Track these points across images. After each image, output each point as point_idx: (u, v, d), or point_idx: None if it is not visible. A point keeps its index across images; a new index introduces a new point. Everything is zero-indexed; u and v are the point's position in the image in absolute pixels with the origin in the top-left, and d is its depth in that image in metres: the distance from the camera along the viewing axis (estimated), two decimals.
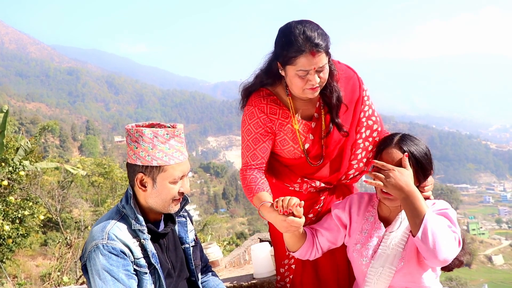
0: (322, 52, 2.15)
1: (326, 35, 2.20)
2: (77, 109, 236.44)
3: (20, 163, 8.34)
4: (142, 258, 2.06)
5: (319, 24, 2.22)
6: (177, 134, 2.09)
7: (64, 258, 7.41)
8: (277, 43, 2.27)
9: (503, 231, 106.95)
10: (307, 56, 2.14)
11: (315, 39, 2.12)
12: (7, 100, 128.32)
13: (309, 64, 2.16)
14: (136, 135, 2.05)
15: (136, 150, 2.05)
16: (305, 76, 2.20)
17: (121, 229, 2.05)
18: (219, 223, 31.19)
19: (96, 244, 1.99)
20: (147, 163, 2.04)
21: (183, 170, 2.11)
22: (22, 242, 9.09)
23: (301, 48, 2.13)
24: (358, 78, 2.54)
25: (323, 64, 2.19)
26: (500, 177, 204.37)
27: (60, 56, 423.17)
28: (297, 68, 2.19)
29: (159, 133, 2.04)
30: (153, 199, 2.11)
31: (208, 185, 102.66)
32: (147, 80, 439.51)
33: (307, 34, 2.13)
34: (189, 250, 2.35)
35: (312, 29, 2.15)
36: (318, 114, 2.49)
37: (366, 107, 2.56)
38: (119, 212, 2.12)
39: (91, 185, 26.60)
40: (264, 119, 2.43)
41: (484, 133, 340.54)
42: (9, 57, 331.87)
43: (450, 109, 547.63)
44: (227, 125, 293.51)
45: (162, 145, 2.04)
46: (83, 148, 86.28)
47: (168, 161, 2.05)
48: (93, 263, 1.98)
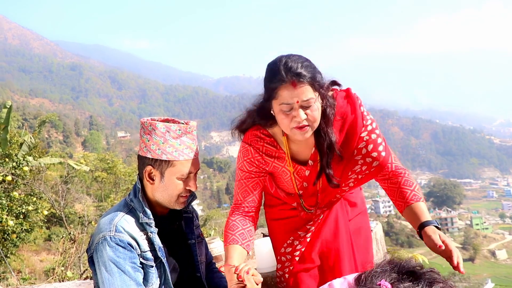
0: (304, 84, 1.97)
1: (314, 68, 2.02)
2: (80, 105, 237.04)
3: (24, 158, 8.35)
4: (149, 252, 2.06)
5: (310, 60, 2.05)
6: (189, 131, 2.10)
7: (68, 253, 7.43)
8: (264, 78, 2.14)
9: (506, 225, 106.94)
10: (288, 87, 1.97)
11: (296, 69, 1.96)
12: (11, 96, 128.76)
13: (290, 96, 1.98)
14: (149, 128, 2.06)
15: (148, 143, 2.06)
16: (289, 111, 2.03)
17: (129, 222, 2.05)
18: (222, 218, 31.18)
19: (103, 236, 1.99)
20: (157, 157, 2.05)
21: (192, 167, 2.12)
22: (26, 237, 9.11)
23: (282, 78, 1.98)
24: (356, 121, 2.22)
25: (308, 98, 1.98)
26: (504, 171, 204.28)
27: (63, 51, 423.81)
28: (279, 102, 2.03)
29: (171, 128, 2.05)
30: (160, 193, 2.12)
31: (212, 180, 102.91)
32: (150, 76, 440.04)
33: (289, 64, 1.98)
34: (194, 246, 2.33)
35: (296, 60, 2.00)
36: (312, 161, 2.29)
37: (364, 150, 2.23)
38: (127, 205, 2.13)
39: (94, 180, 26.66)
40: (258, 159, 2.32)
41: (488, 127, 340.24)
42: (12, 52, 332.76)
43: (453, 103, 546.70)
44: (230, 120, 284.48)
45: (174, 140, 2.06)
46: (87, 144, 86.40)
47: (178, 157, 2.06)
48: (100, 255, 1.98)
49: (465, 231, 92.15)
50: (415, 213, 2.12)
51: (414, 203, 2.15)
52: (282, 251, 2.50)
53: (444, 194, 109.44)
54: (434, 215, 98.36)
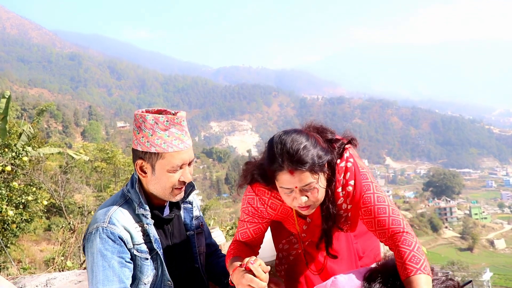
0: (303, 171, 1.92)
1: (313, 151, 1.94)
2: (80, 95, 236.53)
3: (23, 148, 8.35)
4: (143, 244, 2.05)
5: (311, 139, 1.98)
6: (177, 121, 2.03)
7: (67, 243, 7.45)
8: (265, 154, 2.08)
9: (505, 215, 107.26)
10: (285, 174, 1.94)
11: (293, 157, 1.91)
12: (9, 86, 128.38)
13: (289, 182, 1.96)
14: (140, 121, 2.03)
15: (138, 135, 2.03)
16: (290, 193, 2.01)
17: (124, 213, 2.04)
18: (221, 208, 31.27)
19: (97, 227, 1.98)
20: (146, 149, 2.02)
21: (183, 158, 2.06)
22: (26, 227, 9.13)
23: (279, 166, 1.94)
24: (357, 196, 2.13)
25: (307, 183, 1.95)
26: (503, 161, 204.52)
27: (62, 41, 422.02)
28: (279, 185, 2.01)
29: (160, 119, 2.00)
30: (153, 185, 2.09)
31: (211, 170, 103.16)
32: (149, 66, 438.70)
33: (286, 152, 1.92)
34: (193, 238, 2.32)
35: (294, 146, 1.92)
36: (310, 219, 2.29)
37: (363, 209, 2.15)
38: (124, 196, 2.12)
39: (93, 171, 26.69)
40: (262, 210, 2.29)
41: (487, 117, 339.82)
42: (11, 42, 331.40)
43: (453, 93, 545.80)
44: (229, 110, 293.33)
45: (162, 132, 2.00)
46: (86, 134, 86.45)
47: (167, 149, 2.01)
48: (90, 245, 1.98)
49: (464, 220, 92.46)
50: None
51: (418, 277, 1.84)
52: (280, 247, 2.50)
53: (443, 184, 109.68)
54: (433, 205, 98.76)
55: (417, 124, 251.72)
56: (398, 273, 1.88)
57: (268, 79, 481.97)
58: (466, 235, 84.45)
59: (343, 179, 2.13)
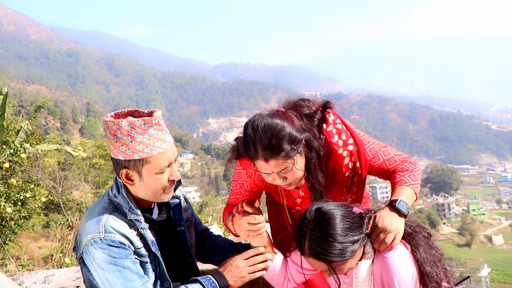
0: (276, 158, 1.96)
1: (285, 137, 1.96)
2: (78, 91, 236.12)
3: (21, 145, 8.34)
4: (143, 248, 2.01)
5: (283, 124, 1.98)
6: (155, 122, 1.92)
7: (65, 239, 7.45)
8: (242, 139, 2.11)
9: (503, 211, 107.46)
10: (260, 162, 2.00)
11: (265, 149, 1.95)
12: (7, 83, 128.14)
13: (265, 168, 2.02)
14: (114, 128, 1.90)
15: (116, 144, 1.92)
16: (269, 176, 2.08)
17: (117, 220, 1.97)
18: (219, 204, 31.24)
19: (93, 238, 1.91)
20: (128, 157, 1.91)
21: (168, 158, 1.98)
22: (25, 224, 9.12)
23: (253, 155, 2.00)
24: (337, 157, 2.19)
25: (282, 168, 2.01)
26: (501, 157, 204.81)
27: (59, 38, 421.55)
28: (257, 168, 2.09)
29: (135, 124, 1.88)
30: (142, 191, 2.01)
31: (209, 166, 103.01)
32: (147, 62, 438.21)
33: (256, 143, 1.97)
34: (184, 233, 2.27)
35: (267, 132, 1.95)
36: (304, 192, 2.34)
37: (351, 164, 2.23)
38: (111, 202, 2.03)
39: (92, 167, 26.66)
40: (250, 183, 2.36)
41: (485, 113, 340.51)
42: (8, 39, 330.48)
43: (451, 90, 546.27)
44: (227, 107, 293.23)
45: (141, 136, 1.89)
46: (84, 130, 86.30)
47: (150, 153, 1.91)
48: (92, 258, 1.91)
49: (462, 216, 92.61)
50: (392, 194, 2.12)
51: (397, 186, 2.12)
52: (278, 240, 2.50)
53: (442, 180, 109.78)
54: (431, 201, 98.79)
55: (415, 120, 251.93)
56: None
57: (266, 75, 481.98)
58: (464, 231, 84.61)
59: (340, 140, 2.17)
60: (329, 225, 1.88)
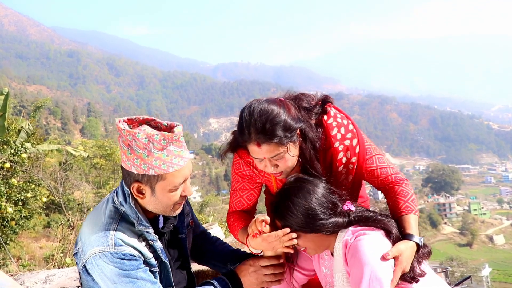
0: (270, 144, 1.97)
1: (282, 123, 1.97)
2: (78, 92, 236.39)
3: (22, 145, 8.33)
4: (153, 258, 1.97)
5: (283, 106, 2.02)
6: (175, 139, 1.84)
7: (66, 239, 7.46)
8: (236, 133, 2.13)
9: (504, 211, 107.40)
10: (253, 146, 2.01)
11: (259, 132, 1.95)
12: (8, 83, 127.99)
13: (257, 153, 2.02)
14: (129, 138, 1.81)
15: (130, 156, 1.83)
16: (261, 162, 2.07)
17: (125, 231, 1.90)
18: (220, 204, 31.25)
19: (101, 251, 1.84)
20: (143, 172, 1.83)
21: (184, 175, 1.91)
22: (25, 224, 9.11)
23: (246, 138, 2.00)
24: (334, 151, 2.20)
25: (274, 154, 2.01)
26: (502, 157, 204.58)
27: (60, 38, 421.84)
28: (250, 153, 2.09)
29: (154, 138, 1.79)
30: (152, 205, 1.95)
31: (210, 166, 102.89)
32: (147, 62, 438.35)
33: (250, 127, 1.98)
34: (185, 240, 2.24)
35: (260, 119, 1.96)
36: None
37: (344, 159, 2.24)
38: (117, 211, 1.95)
39: (93, 167, 26.68)
40: (249, 172, 2.35)
41: (486, 113, 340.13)
42: (9, 39, 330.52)
43: (451, 89, 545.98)
44: (228, 107, 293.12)
45: (159, 152, 1.80)
46: (85, 130, 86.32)
47: (167, 169, 1.83)
48: (101, 271, 1.86)
49: (463, 216, 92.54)
50: (403, 226, 2.07)
51: (405, 215, 2.10)
52: None
53: (443, 179, 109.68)
54: (432, 201, 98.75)
55: (416, 120, 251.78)
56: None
57: (266, 75, 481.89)
58: (465, 231, 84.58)
59: (339, 133, 2.18)
60: (301, 190, 1.99)
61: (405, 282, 1.97)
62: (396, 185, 2.20)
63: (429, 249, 2.09)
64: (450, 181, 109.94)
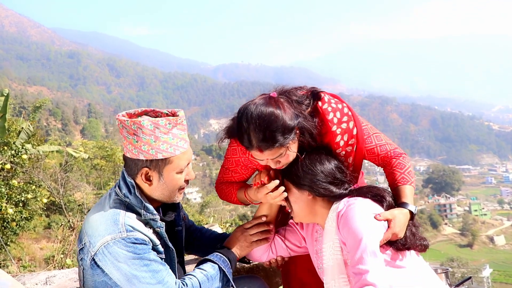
0: (270, 149, 2.03)
1: (280, 127, 2.00)
2: (79, 92, 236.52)
3: (22, 146, 8.32)
4: (160, 245, 2.03)
5: (279, 106, 2.04)
6: (179, 122, 1.98)
7: (67, 240, 7.46)
8: (235, 127, 2.15)
9: (505, 211, 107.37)
10: (255, 152, 2.07)
11: (259, 141, 2.00)
12: (8, 84, 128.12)
13: (259, 156, 2.09)
14: (133, 128, 1.91)
15: (137, 144, 1.92)
16: (262, 160, 2.14)
17: (133, 219, 1.96)
18: (220, 205, 31.25)
19: (114, 238, 1.89)
20: (151, 157, 1.93)
21: (188, 158, 2.03)
22: (26, 225, 9.10)
23: (248, 145, 2.05)
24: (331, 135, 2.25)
25: (275, 156, 2.08)
26: (503, 158, 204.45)
27: (60, 39, 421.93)
28: (252, 154, 2.15)
29: (160, 123, 1.91)
30: (159, 191, 2.03)
31: (211, 167, 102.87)
32: (148, 63, 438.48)
33: (251, 135, 2.02)
34: (181, 233, 2.32)
35: (261, 123, 2.00)
36: None
37: (342, 142, 2.28)
38: (122, 203, 2.01)
39: (93, 168, 26.66)
40: (245, 159, 2.38)
41: (487, 114, 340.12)
42: (10, 40, 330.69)
43: (452, 90, 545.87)
44: (229, 108, 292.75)
45: (165, 136, 1.92)
46: (85, 131, 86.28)
47: (174, 152, 1.95)
48: (113, 257, 1.89)
49: (463, 217, 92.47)
50: (398, 195, 2.21)
51: (400, 186, 2.24)
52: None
53: (443, 180, 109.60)
54: (433, 202, 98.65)
55: (416, 120, 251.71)
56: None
57: (267, 76, 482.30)
58: (465, 231, 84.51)
59: (335, 117, 2.23)
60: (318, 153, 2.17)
61: (396, 249, 2.06)
62: (394, 158, 2.32)
63: (426, 242, 2.16)
64: (450, 182, 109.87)
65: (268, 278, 2.89)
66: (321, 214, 2.16)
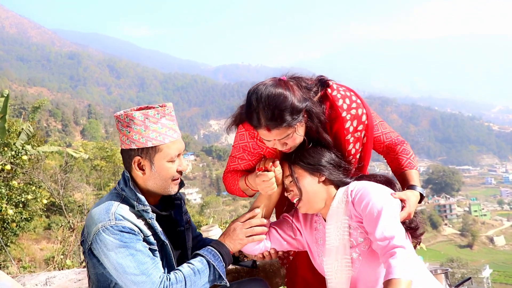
0: (278, 129, 2.09)
1: (289, 107, 2.07)
2: (79, 94, 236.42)
3: (22, 147, 8.33)
4: (151, 236, 2.07)
5: (285, 93, 2.09)
6: (167, 112, 2.09)
7: (67, 241, 7.46)
8: (244, 107, 2.23)
9: (505, 212, 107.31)
10: (263, 131, 2.12)
11: (267, 119, 2.07)
12: (9, 85, 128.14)
13: (267, 136, 2.14)
14: (126, 120, 2.05)
15: (129, 134, 2.05)
16: (269, 141, 2.20)
17: (125, 209, 2.04)
18: (220, 206, 31.27)
19: (103, 226, 1.97)
20: (142, 145, 2.05)
21: (178, 148, 2.13)
22: (26, 226, 9.12)
23: (257, 123, 2.11)
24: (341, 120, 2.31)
25: (283, 136, 2.13)
26: (503, 158, 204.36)
27: (61, 40, 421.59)
28: (259, 135, 2.22)
29: (149, 113, 2.05)
30: (152, 181, 2.11)
31: (211, 168, 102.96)
32: (148, 64, 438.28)
33: (260, 113, 2.08)
34: (184, 234, 2.34)
35: (270, 102, 2.06)
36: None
37: (351, 128, 2.34)
38: (119, 195, 2.11)
39: (93, 169, 26.68)
40: (253, 144, 2.40)
41: (487, 114, 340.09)
42: (10, 41, 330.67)
43: (452, 90, 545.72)
44: (229, 108, 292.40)
45: (155, 125, 2.05)
46: (85, 132, 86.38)
47: (163, 140, 2.06)
48: (104, 244, 1.97)
49: (463, 217, 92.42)
50: (406, 178, 2.38)
51: (408, 170, 2.41)
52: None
53: (443, 181, 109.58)
54: (433, 202, 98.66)
55: (416, 121, 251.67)
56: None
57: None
58: (465, 232, 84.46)
59: (345, 104, 2.30)
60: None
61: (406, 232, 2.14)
62: (398, 145, 2.46)
63: (422, 230, 2.31)
64: (450, 182, 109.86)
65: (268, 279, 2.89)
66: (329, 199, 2.22)
